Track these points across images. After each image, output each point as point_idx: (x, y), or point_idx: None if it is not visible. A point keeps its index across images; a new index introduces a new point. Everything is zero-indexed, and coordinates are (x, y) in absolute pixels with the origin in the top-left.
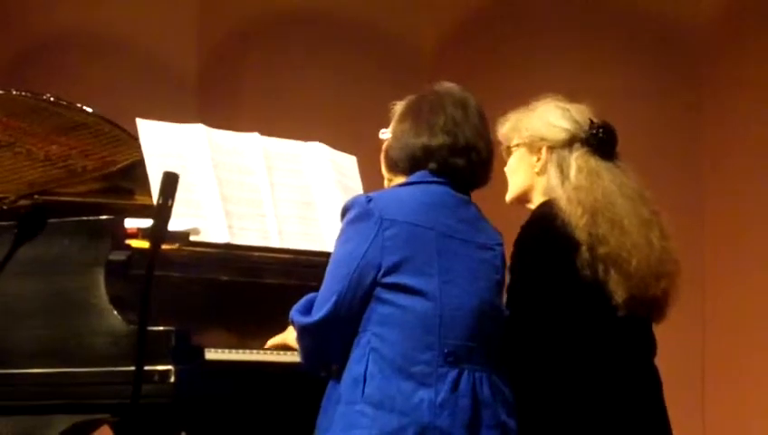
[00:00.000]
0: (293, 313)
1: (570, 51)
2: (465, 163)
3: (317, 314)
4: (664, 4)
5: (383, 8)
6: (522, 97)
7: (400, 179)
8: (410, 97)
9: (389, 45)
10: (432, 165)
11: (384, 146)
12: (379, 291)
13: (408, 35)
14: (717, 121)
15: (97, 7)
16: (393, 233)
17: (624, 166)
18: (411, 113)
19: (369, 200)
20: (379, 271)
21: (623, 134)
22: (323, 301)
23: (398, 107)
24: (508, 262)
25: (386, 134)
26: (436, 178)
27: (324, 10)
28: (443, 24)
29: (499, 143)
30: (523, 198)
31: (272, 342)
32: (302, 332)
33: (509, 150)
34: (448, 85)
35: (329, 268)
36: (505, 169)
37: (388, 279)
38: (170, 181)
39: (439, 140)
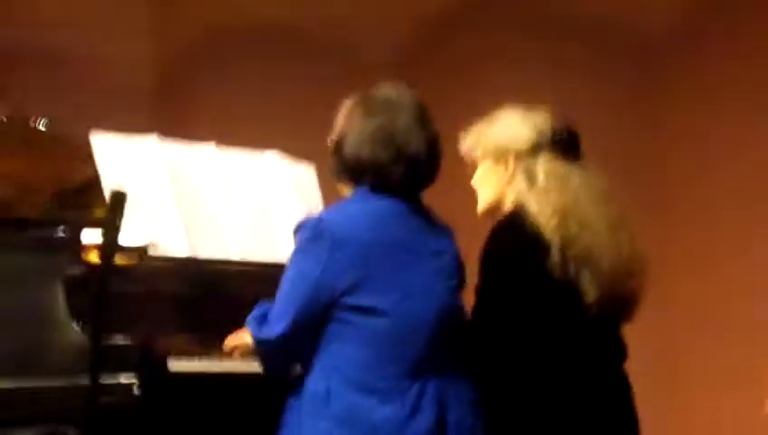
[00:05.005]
0: (251, 324)
1: (531, 59)
2: (404, 170)
3: (273, 331)
4: (624, 12)
5: (340, 20)
6: (483, 107)
7: (349, 188)
8: (348, 102)
9: (347, 57)
10: (369, 179)
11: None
12: (337, 312)
13: (366, 47)
14: (678, 126)
15: (52, 22)
16: (346, 254)
17: (589, 166)
18: (345, 122)
19: (321, 221)
20: (334, 293)
21: (586, 138)
22: (278, 319)
23: (341, 110)
24: (478, 262)
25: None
26: (379, 192)
27: (280, 22)
28: (401, 34)
29: (462, 157)
30: (493, 210)
31: (230, 341)
32: (259, 344)
33: (475, 164)
34: (383, 87)
35: (282, 287)
36: (472, 182)
37: (346, 300)
38: (118, 200)
39: (370, 151)
